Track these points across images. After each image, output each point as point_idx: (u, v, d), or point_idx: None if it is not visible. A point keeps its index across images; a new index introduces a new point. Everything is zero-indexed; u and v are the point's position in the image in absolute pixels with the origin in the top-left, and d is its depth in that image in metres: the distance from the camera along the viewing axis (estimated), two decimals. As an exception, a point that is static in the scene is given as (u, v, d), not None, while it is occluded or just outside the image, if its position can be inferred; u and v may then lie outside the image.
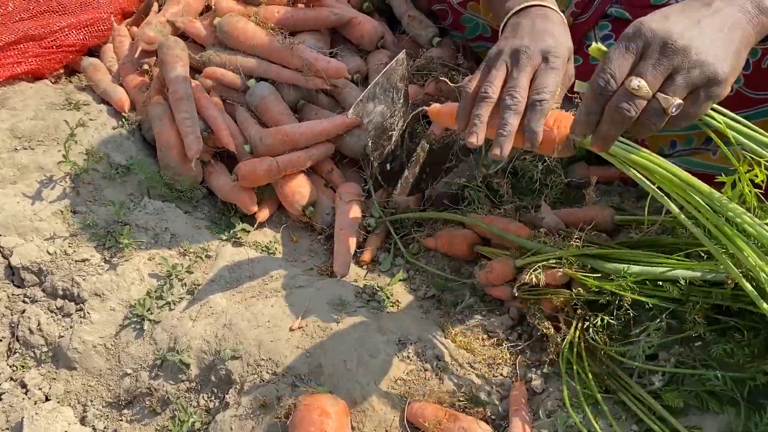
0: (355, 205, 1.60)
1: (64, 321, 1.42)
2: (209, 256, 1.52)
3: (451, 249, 1.53)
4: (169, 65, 1.63)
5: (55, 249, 1.48)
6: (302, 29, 1.74)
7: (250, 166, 1.54)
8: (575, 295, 1.25)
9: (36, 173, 1.56)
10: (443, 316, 1.41)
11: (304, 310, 1.34)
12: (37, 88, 1.78)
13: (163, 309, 1.42)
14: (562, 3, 1.49)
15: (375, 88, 1.22)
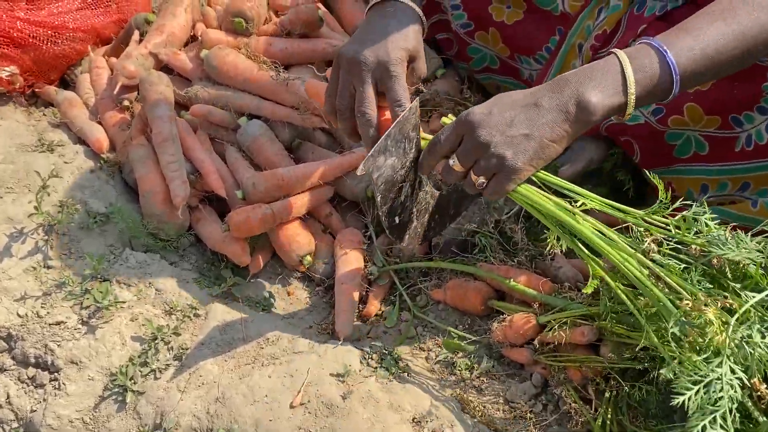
0: (357, 254, 1.47)
1: (37, 393, 1.28)
2: (198, 315, 1.38)
3: (463, 303, 1.41)
4: (152, 103, 1.49)
5: (27, 311, 1.34)
6: (297, 62, 1.61)
7: (242, 215, 1.41)
8: (608, 363, 1.14)
9: (4, 225, 1.42)
10: (458, 383, 1.28)
11: (306, 382, 1.21)
12: (6, 126, 1.63)
13: (148, 378, 1.28)
14: (581, 36, 1.39)
15: (387, 141, 1.10)
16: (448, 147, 1.08)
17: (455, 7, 1.58)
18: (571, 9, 1.42)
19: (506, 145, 1.01)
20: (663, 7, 1.33)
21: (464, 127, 1.04)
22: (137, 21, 1.78)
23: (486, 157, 1.02)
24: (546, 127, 1.01)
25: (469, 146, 1.03)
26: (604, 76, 1.00)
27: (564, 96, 1.01)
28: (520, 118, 1.01)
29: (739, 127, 1.25)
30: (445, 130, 1.08)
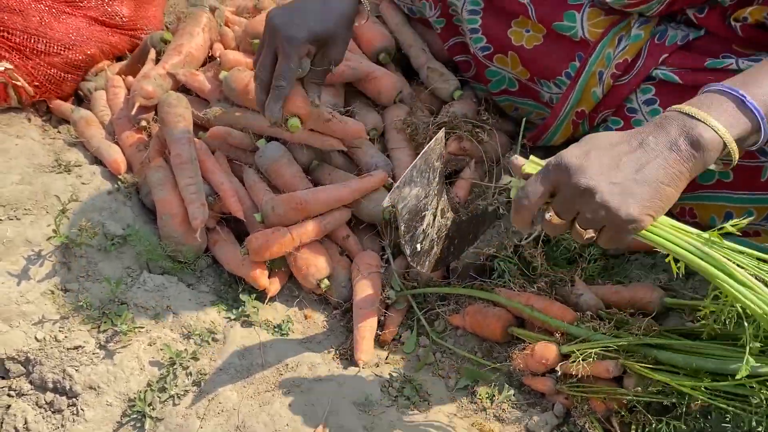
0: (374, 278, 1.47)
1: (55, 418, 1.27)
2: (216, 339, 1.37)
3: (482, 329, 1.40)
4: (171, 125, 1.48)
5: (45, 335, 1.33)
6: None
7: (262, 239, 1.40)
8: (634, 396, 1.13)
9: (23, 248, 1.41)
10: (478, 412, 1.28)
11: (327, 412, 1.20)
12: (23, 145, 1.63)
13: (167, 403, 1.27)
14: (601, 63, 1.39)
15: (412, 172, 1.09)
16: (539, 199, 0.93)
17: (474, 30, 1.57)
18: (590, 36, 1.41)
19: (614, 193, 0.88)
20: (684, 36, 1.33)
21: (559, 173, 0.91)
22: (153, 40, 1.78)
23: (592, 209, 0.89)
24: (658, 169, 0.89)
25: (568, 196, 0.90)
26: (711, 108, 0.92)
27: (671, 133, 0.90)
28: (624, 160, 0.89)
29: (764, 156, 1.24)
30: (532, 181, 0.94)
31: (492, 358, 1.39)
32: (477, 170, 1.62)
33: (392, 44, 1.73)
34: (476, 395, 1.30)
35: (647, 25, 1.37)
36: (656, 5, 1.33)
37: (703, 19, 1.33)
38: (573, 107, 1.47)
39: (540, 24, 1.47)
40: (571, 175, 0.89)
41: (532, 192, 0.93)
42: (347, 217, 1.52)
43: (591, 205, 0.88)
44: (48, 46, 1.75)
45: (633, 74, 1.37)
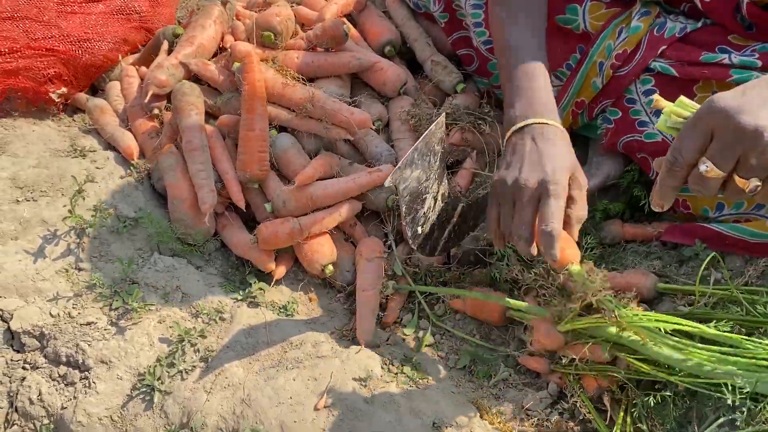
0: (378, 263, 1.51)
1: (68, 390, 1.32)
2: (223, 319, 1.42)
3: (482, 313, 1.44)
4: (184, 113, 1.54)
5: (59, 311, 1.38)
6: (323, 75, 1.66)
7: (271, 228, 1.45)
8: (624, 374, 1.17)
9: (39, 228, 1.46)
10: (476, 390, 1.32)
11: (329, 386, 1.25)
12: (40, 132, 1.69)
13: (175, 378, 1.32)
14: (601, 54, 1.43)
15: (414, 154, 1.14)
16: (696, 153, 0.85)
17: (477, 24, 1.62)
18: (592, 28, 1.46)
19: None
20: (683, 28, 1.37)
21: (716, 117, 0.82)
22: (165, 33, 1.83)
23: (759, 150, 0.80)
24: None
25: (730, 138, 0.81)
26: None
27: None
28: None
29: None
30: (685, 131, 0.85)
31: (490, 340, 1.43)
32: (478, 161, 1.67)
33: (398, 38, 1.78)
34: (474, 375, 1.35)
35: (647, 17, 1.41)
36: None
37: (709, 4, 1.34)
38: (573, 97, 1.51)
39: None
40: (731, 117, 0.81)
41: (687, 147, 0.85)
42: (357, 210, 1.56)
43: (759, 146, 0.80)
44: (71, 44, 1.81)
45: (632, 65, 1.41)
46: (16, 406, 1.30)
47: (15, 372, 1.34)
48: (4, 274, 1.38)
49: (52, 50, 1.75)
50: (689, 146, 0.85)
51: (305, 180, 1.48)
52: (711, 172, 0.83)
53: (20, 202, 1.49)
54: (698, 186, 0.87)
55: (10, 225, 1.46)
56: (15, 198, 1.50)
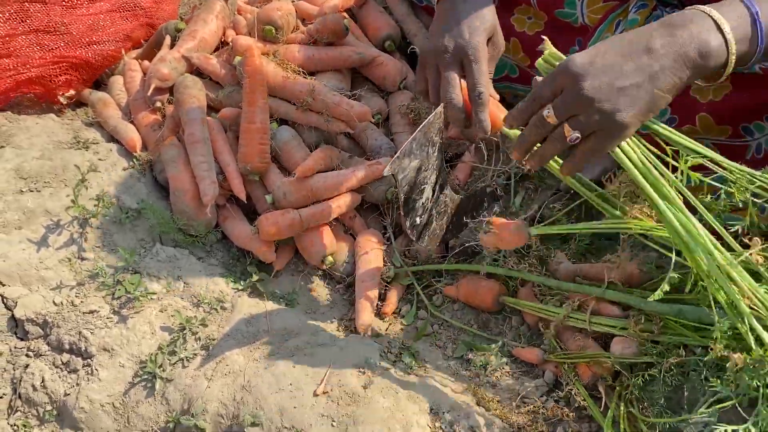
0: (377, 254, 1.53)
1: (70, 377, 1.34)
2: (224, 308, 1.44)
3: (475, 299, 1.47)
4: (186, 106, 1.56)
5: (62, 299, 1.40)
6: (323, 69, 1.68)
7: (272, 220, 1.47)
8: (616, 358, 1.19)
9: (42, 218, 1.49)
10: (473, 378, 1.34)
11: (329, 373, 1.26)
12: (43, 125, 1.71)
13: (176, 366, 1.34)
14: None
15: (412, 144, 1.16)
16: (546, 97, 0.99)
17: (477, 18, 1.64)
18: (590, 21, 1.48)
19: (614, 100, 0.92)
20: None
21: (565, 77, 0.95)
22: (168, 28, 1.85)
23: (589, 112, 0.93)
24: (661, 76, 0.92)
25: (570, 99, 0.95)
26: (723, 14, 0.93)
27: (682, 40, 0.92)
28: (629, 66, 0.92)
29: (749, 136, 1.30)
30: (543, 81, 1.00)
31: (487, 329, 1.45)
32: (477, 154, 1.68)
33: (397, 32, 1.80)
34: (471, 363, 1.37)
35: (644, 10, 1.42)
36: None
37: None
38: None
39: (542, 11, 1.54)
40: (576, 81, 0.93)
41: (542, 93, 0.99)
42: (357, 202, 1.58)
43: (588, 109, 0.93)
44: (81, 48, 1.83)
45: None
46: (19, 393, 1.32)
47: (19, 359, 1.36)
48: (9, 262, 1.40)
49: (63, 57, 1.77)
50: (544, 93, 0.99)
51: (305, 172, 1.50)
52: (550, 117, 0.98)
53: (24, 192, 1.51)
54: (538, 125, 1.00)
55: (14, 215, 1.48)
56: (19, 189, 1.52)
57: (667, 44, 0.92)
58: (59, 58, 1.78)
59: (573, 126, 0.96)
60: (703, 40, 0.92)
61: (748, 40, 0.94)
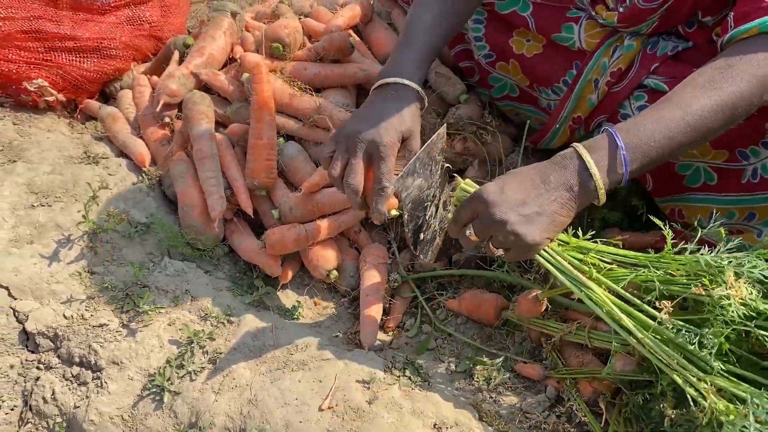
0: (381, 268, 1.56)
1: (80, 390, 1.36)
2: (231, 322, 1.46)
3: (478, 313, 1.49)
4: (195, 122, 1.59)
5: (72, 313, 1.42)
6: (329, 86, 1.71)
7: (278, 234, 1.50)
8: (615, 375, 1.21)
9: (53, 232, 1.51)
10: (475, 393, 1.36)
11: (334, 388, 1.29)
12: (54, 139, 1.74)
13: (184, 379, 1.36)
14: (597, 72, 1.47)
15: (415, 163, 1.19)
16: (465, 220, 1.16)
17: (478, 39, 1.67)
18: (587, 46, 1.50)
19: (521, 224, 1.10)
20: (674, 47, 1.41)
21: (479, 205, 1.12)
22: (176, 43, 1.88)
23: (503, 234, 1.11)
24: (556, 204, 1.11)
25: (485, 223, 1.12)
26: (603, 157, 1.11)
27: (568, 175, 1.11)
28: (531, 196, 1.11)
29: (745, 160, 1.32)
30: (461, 206, 1.17)
31: (490, 344, 1.47)
32: (480, 170, 1.71)
33: (402, 49, 1.83)
34: (474, 378, 1.39)
35: (639, 37, 1.45)
36: (645, 27, 1.42)
37: (690, 34, 1.41)
38: (570, 113, 1.56)
39: (540, 35, 1.57)
40: (488, 208, 1.11)
41: (461, 217, 1.17)
42: (362, 217, 1.61)
43: (503, 232, 1.10)
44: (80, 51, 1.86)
45: (626, 82, 1.45)
46: (30, 405, 1.35)
47: (30, 372, 1.38)
48: (20, 276, 1.43)
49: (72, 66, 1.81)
50: (462, 217, 1.17)
51: (312, 187, 1.53)
52: (473, 236, 1.15)
53: (35, 207, 1.54)
54: (464, 242, 1.18)
55: (26, 229, 1.51)
56: (30, 203, 1.55)
57: (559, 178, 1.11)
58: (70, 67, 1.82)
59: (495, 244, 1.14)
60: (584, 179, 1.11)
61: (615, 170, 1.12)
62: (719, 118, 1.11)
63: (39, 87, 1.80)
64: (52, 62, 1.83)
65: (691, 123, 1.11)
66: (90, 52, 1.89)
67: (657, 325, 1.07)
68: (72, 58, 1.86)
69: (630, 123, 1.14)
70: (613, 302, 1.12)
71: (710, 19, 1.36)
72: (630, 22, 1.41)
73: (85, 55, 1.88)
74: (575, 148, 1.13)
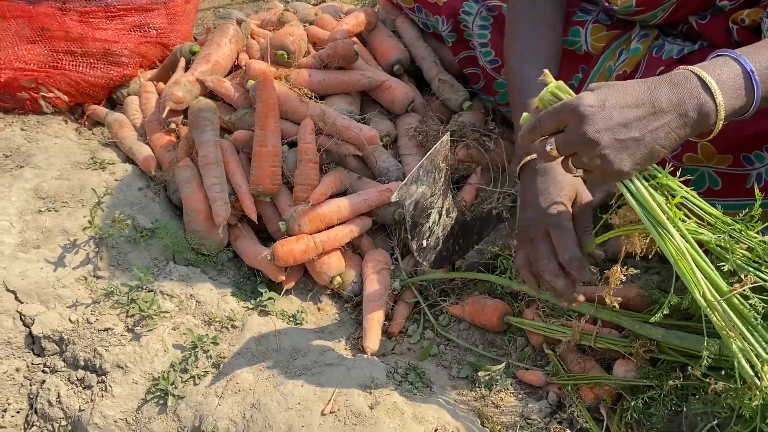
0: (384, 274, 1.56)
1: (85, 393, 1.38)
2: (235, 326, 1.48)
3: (480, 318, 1.49)
4: (200, 128, 1.60)
5: (78, 317, 1.44)
6: (333, 92, 1.72)
7: (287, 246, 1.50)
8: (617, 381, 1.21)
9: (60, 237, 1.53)
10: (478, 399, 1.36)
11: (336, 392, 1.29)
12: (61, 144, 1.76)
13: (188, 383, 1.37)
14: (603, 76, 1.48)
15: (419, 171, 1.20)
16: (549, 130, 1.01)
17: (483, 44, 1.68)
18: (593, 49, 1.51)
19: (615, 149, 0.96)
20: (680, 50, 1.42)
21: (571, 116, 0.97)
22: (183, 50, 1.90)
23: (590, 155, 0.97)
24: (661, 132, 0.96)
25: (573, 138, 0.97)
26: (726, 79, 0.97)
27: (684, 98, 0.96)
28: (633, 119, 0.96)
29: (749, 165, 1.33)
30: (548, 113, 1.01)
31: (492, 350, 1.48)
32: (483, 176, 1.72)
33: (406, 57, 1.85)
34: (476, 384, 1.39)
35: (646, 39, 1.46)
36: (660, 13, 1.41)
37: (704, 26, 1.39)
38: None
39: None
40: (581, 123, 0.95)
41: (545, 125, 1.01)
42: (368, 227, 1.62)
43: (590, 153, 0.96)
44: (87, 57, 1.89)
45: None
46: (35, 408, 1.36)
47: (35, 375, 1.40)
48: (27, 281, 1.45)
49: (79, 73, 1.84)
50: (546, 125, 1.00)
51: (318, 199, 1.54)
52: (553, 151, 1.00)
53: (42, 212, 1.56)
54: (541, 155, 1.03)
55: (33, 234, 1.52)
56: (38, 208, 1.57)
57: (672, 101, 0.96)
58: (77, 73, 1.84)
59: (575, 164, 1.01)
60: (702, 101, 0.96)
61: (741, 96, 0.98)
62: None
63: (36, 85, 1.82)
64: (58, 68, 1.86)
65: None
66: (97, 58, 1.91)
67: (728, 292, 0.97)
68: (79, 64, 1.88)
69: (751, 48, 1.01)
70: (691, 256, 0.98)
71: (727, 3, 1.33)
72: (648, 4, 1.38)
73: (92, 62, 1.90)
74: (690, 69, 0.98)
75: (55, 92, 1.83)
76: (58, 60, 1.87)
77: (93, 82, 1.90)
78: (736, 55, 0.99)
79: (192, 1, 2.16)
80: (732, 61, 0.99)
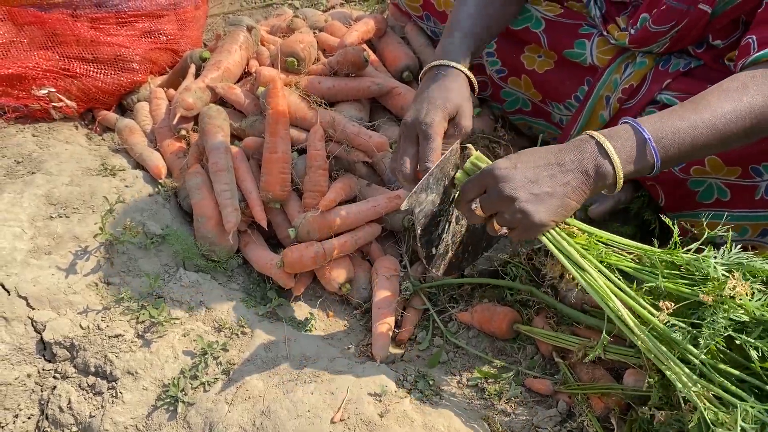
0: (393, 281, 1.57)
1: (96, 399, 1.38)
2: (245, 333, 1.48)
3: (490, 326, 1.50)
4: (210, 135, 1.61)
5: (88, 323, 1.44)
6: (343, 99, 1.73)
7: (297, 253, 1.51)
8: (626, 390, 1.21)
9: (71, 243, 1.54)
10: (487, 408, 1.36)
11: (346, 400, 1.30)
12: (72, 151, 1.77)
13: (198, 390, 1.38)
14: (608, 88, 1.48)
15: (429, 179, 1.20)
16: (473, 194, 1.14)
17: (490, 54, 1.68)
18: (599, 62, 1.51)
19: (532, 202, 1.07)
20: (687, 64, 1.42)
21: (489, 179, 1.10)
22: (193, 57, 1.91)
23: (510, 211, 1.08)
24: (568, 186, 1.08)
25: (494, 198, 1.09)
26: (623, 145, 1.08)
27: (585, 158, 1.08)
28: (543, 176, 1.08)
29: (758, 176, 1.32)
30: (470, 181, 1.14)
31: (502, 357, 1.48)
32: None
33: (415, 63, 1.85)
34: (486, 392, 1.39)
35: (652, 54, 1.46)
36: (657, 48, 1.43)
37: (700, 54, 1.42)
38: (582, 128, 1.56)
39: (551, 51, 1.57)
40: (498, 183, 1.08)
41: (469, 190, 1.14)
42: (377, 234, 1.63)
43: (510, 209, 1.08)
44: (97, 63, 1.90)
45: (638, 98, 1.46)
46: (46, 414, 1.37)
47: (46, 381, 1.40)
48: (39, 287, 1.45)
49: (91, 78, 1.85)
50: (470, 190, 1.14)
51: (328, 205, 1.54)
52: (477, 210, 1.13)
53: (54, 218, 1.57)
54: (468, 216, 1.17)
55: (45, 240, 1.53)
56: (49, 214, 1.57)
57: (575, 160, 1.08)
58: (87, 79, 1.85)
59: (500, 222, 1.12)
60: (600, 162, 1.07)
61: (638, 159, 1.09)
62: (745, 125, 1.10)
63: (48, 93, 1.83)
64: (69, 74, 1.87)
65: (717, 126, 1.09)
66: (108, 64, 1.92)
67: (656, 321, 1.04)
68: (89, 70, 1.89)
69: (654, 117, 1.11)
70: (612, 291, 1.08)
71: (720, 42, 1.38)
72: (641, 43, 1.42)
73: (103, 68, 1.91)
74: (590, 135, 1.10)
75: (65, 101, 1.84)
76: (69, 65, 1.88)
77: (103, 87, 1.91)
78: (637, 123, 1.10)
79: (202, 7, 2.17)
80: (631, 130, 1.10)
